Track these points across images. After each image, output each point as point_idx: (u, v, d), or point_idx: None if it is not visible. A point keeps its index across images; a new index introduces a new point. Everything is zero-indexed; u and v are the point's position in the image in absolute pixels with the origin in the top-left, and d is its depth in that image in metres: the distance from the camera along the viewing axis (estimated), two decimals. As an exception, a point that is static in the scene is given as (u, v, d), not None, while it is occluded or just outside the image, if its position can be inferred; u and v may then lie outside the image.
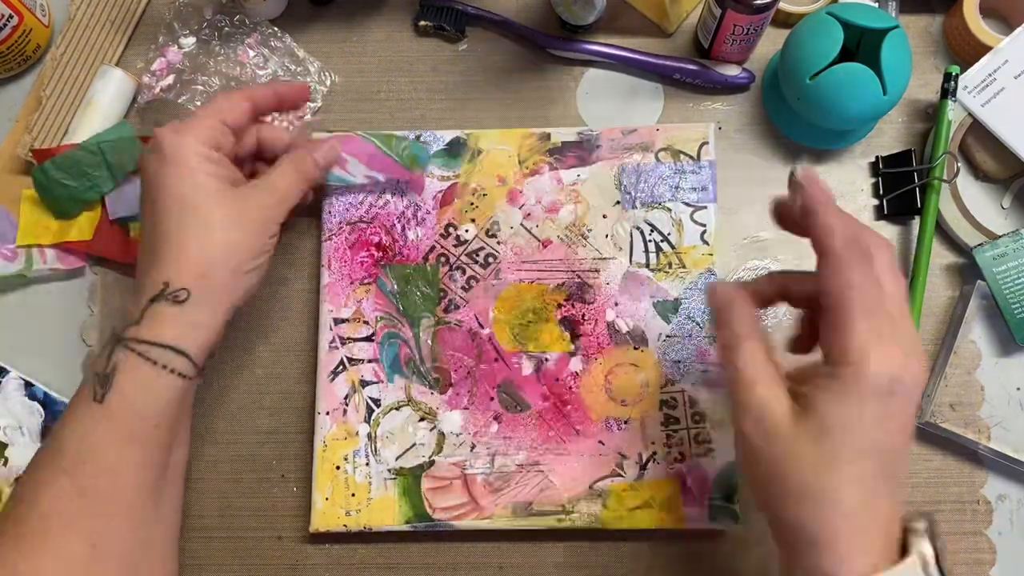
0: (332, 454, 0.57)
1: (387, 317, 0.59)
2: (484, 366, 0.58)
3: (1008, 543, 0.57)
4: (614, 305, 0.59)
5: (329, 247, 0.60)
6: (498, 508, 0.56)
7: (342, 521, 0.56)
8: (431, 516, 0.56)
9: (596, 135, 0.61)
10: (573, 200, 0.60)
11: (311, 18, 0.67)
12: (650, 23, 0.65)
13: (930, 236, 0.59)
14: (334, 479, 0.56)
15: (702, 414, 0.57)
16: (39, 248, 0.61)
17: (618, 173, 0.61)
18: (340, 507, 0.56)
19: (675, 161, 0.61)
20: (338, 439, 0.57)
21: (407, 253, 0.60)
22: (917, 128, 0.63)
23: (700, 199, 0.60)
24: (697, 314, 0.58)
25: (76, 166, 0.60)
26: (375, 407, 0.58)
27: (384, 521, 0.56)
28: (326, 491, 0.56)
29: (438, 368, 0.58)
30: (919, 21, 0.65)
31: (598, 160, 0.61)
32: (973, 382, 0.59)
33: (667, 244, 0.60)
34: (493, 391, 0.58)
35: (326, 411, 0.58)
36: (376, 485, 0.56)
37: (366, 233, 0.60)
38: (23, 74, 0.66)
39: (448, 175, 0.61)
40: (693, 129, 0.61)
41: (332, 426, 0.57)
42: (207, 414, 0.60)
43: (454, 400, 0.58)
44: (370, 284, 0.59)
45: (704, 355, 0.58)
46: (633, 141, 0.61)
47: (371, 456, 0.57)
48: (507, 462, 0.56)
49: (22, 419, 0.58)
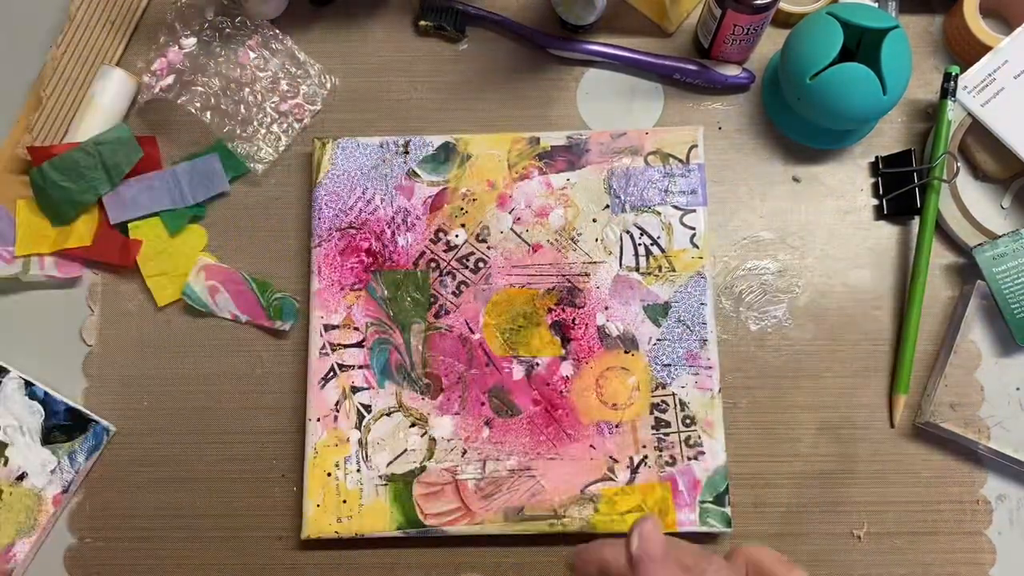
0: (323, 461, 0.57)
1: (377, 323, 0.59)
2: (475, 371, 0.58)
3: (1008, 543, 0.57)
4: (604, 309, 0.59)
5: (319, 253, 0.60)
6: (490, 513, 0.56)
7: (334, 528, 0.56)
8: (423, 522, 0.55)
9: (585, 139, 0.61)
10: (563, 204, 0.60)
11: (311, 18, 0.67)
12: (650, 23, 0.65)
13: (930, 236, 0.59)
14: (325, 486, 0.56)
15: (693, 417, 0.57)
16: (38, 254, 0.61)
17: (607, 177, 0.61)
18: (332, 514, 0.56)
19: (664, 165, 0.61)
20: (329, 446, 0.57)
21: (397, 259, 0.60)
22: (917, 128, 0.63)
23: (689, 202, 0.60)
24: (687, 317, 0.58)
25: (74, 167, 0.60)
26: (366, 413, 0.57)
27: (376, 527, 0.56)
28: (317, 498, 0.56)
29: (429, 374, 0.58)
30: (919, 21, 0.65)
31: (587, 164, 0.61)
32: (973, 382, 0.58)
33: (657, 248, 0.59)
34: (484, 396, 0.58)
35: (317, 417, 0.57)
36: (367, 491, 0.56)
37: (356, 239, 0.60)
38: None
39: (438, 180, 0.61)
40: (682, 132, 0.61)
41: (323, 433, 0.57)
42: (207, 414, 0.60)
43: (445, 405, 0.58)
44: (360, 290, 0.59)
45: (694, 358, 0.58)
46: (622, 145, 0.61)
47: (362, 462, 0.57)
48: (498, 467, 0.56)
49: (22, 419, 0.58)
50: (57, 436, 0.58)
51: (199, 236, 0.62)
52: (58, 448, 0.58)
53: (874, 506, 0.57)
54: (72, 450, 0.58)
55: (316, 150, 0.61)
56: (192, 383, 0.60)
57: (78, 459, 0.58)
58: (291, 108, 0.64)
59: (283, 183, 0.63)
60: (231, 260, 0.62)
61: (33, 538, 0.57)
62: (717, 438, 0.56)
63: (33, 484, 0.57)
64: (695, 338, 0.58)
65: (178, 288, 0.61)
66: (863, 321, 0.60)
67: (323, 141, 0.61)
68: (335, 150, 0.61)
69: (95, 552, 0.58)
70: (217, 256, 0.62)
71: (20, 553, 0.57)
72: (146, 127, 0.64)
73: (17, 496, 0.57)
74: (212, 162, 0.62)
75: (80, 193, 0.60)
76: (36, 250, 0.61)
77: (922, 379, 0.59)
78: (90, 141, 0.60)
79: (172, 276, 0.61)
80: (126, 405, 0.60)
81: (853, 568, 0.57)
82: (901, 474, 0.58)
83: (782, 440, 0.58)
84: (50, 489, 0.57)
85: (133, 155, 0.61)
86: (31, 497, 0.57)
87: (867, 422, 0.59)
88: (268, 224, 0.63)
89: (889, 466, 0.58)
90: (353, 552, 0.57)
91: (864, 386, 0.59)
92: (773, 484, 0.58)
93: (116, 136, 0.60)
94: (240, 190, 0.63)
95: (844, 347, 0.60)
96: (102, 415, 0.59)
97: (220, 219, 0.63)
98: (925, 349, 0.59)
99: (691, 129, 0.61)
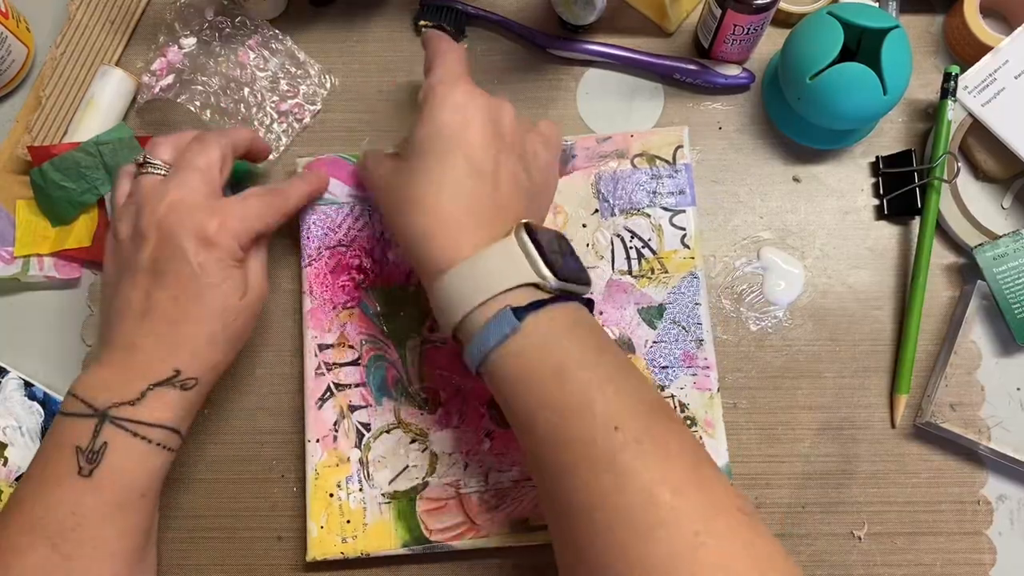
0: (325, 482, 0.56)
1: (372, 340, 0.58)
2: (473, 383, 0.57)
3: (1008, 543, 0.57)
4: (599, 314, 0.58)
5: (310, 273, 0.59)
6: (495, 526, 0.55)
7: (339, 548, 0.55)
8: (428, 538, 0.55)
9: (571, 145, 0.61)
10: (552, 211, 0.60)
11: (311, 18, 0.67)
12: (650, 23, 0.65)
13: (930, 236, 0.59)
14: (328, 507, 0.56)
15: (693, 418, 0.57)
16: (37, 254, 0.61)
17: (595, 181, 0.60)
18: (336, 535, 0.55)
19: (651, 166, 0.60)
20: (330, 466, 0.56)
21: (389, 274, 0.59)
22: (917, 128, 0.63)
23: (678, 203, 0.60)
24: (682, 318, 0.58)
25: (74, 167, 0.60)
26: (365, 432, 0.57)
27: (381, 546, 0.55)
28: (320, 519, 0.56)
29: (427, 388, 0.58)
30: (919, 21, 0.65)
31: (574, 170, 0.61)
32: (973, 382, 0.58)
33: (648, 250, 0.59)
34: (483, 408, 0.57)
35: (316, 439, 0.57)
36: (371, 510, 0.56)
37: (346, 257, 0.60)
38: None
39: None
40: (667, 133, 0.61)
41: (323, 454, 0.57)
42: (207, 414, 0.60)
43: (444, 419, 0.57)
44: (353, 308, 0.59)
45: (691, 359, 0.57)
46: (608, 148, 0.61)
47: (364, 481, 0.56)
48: (501, 478, 0.56)
49: (22, 419, 0.58)
50: (57, 436, 0.58)
51: None
52: (58, 448, 0.58)
53: (874, 506, 0.57)
54: (72, 450, 0.58)
55: (299, 169, 0.61)
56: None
57: (78, 459, 0.58)
58: (291, 108, 0.64)
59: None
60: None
61: (33, 538, 0.57)
62: (718, 438, 0.56)
63: (33, 484, 0.57)
64: (691, 338, 0.58)
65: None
66: (863, 321, 0.60)
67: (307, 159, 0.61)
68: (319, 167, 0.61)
69: (95, 552, 0.58)
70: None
71: (20, 553, 0.57)
72: (146, 127, 0.64)
73: (17, 496, 0.57)
74: None
75: (81, 193, 0.60)
76: (35, 250, 0.61)
77: (922, 379, 0.59)
78: (91, 141, 0.60)
79: None
80: (126, 405, 0.60)
81: (853, 568, 0.57)
82: (901, 474, 0.58)
83: (782, 440, 0.58)
84: (50, 489, 0.57)
85: (135, 155, 0.61)
86: (31, 497, 0.57)
87: (867, 422, 0.59)
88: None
89: (889, 466, 0.58)
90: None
91: (864, 386, 0.59)
92: (773, 484, 0.58)
93: (117, 136, 0.60)
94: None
95: (844, 347, 0.60)
96: (102, 415, 0.59)
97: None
98: (925, 349, 0.59)
99: (676, 130, 0.61)
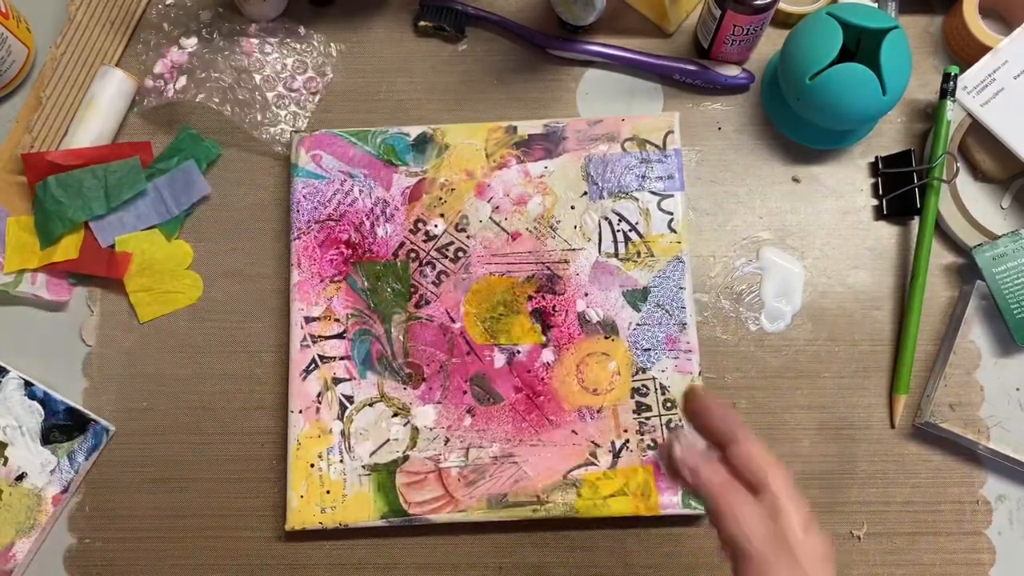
0: (306, 452, 0.57)
1: (358, 314, 0.59)
2: (456, 360, 0.58)
3: (1008, 543, 0.57)
4: (584, 296, 0.59)
5: (298, 246, 0.60)
6: (473, 501, 0.56)
7: (317, 519, 0.56)
8: (406, 511, 0.56)
9: (562, 127, 0.61)
10: (541, 192, 0.60)
11: (311, 18, 0.67)
12: (650, 23, 0.65)
13: (930, 236, 0.59)
14: (308, 477, 0.56)
15: (673, 400, 0.57)
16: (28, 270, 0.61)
17: (585, 164, 0.61)
18: (315, 504, 0.56)
19: (641, 151, 0.61)
20: (312, 437, 0.57)
21: (377, 250, 0.60)
22: (917, 128, 0.63)
23: (667, 187, 0.60)
24: (666, 302, 0.58)
25: (76, 185, 0.60)
26: (348, 404, 0.58)
27: (359, 517, 0.56)
28: (301, 489, 0.56)
29: (410, 363, 0.58)
30: (919, 21, 0.65)
31: (565, 152, 0.61)
32: (973, 382, 0.58)
33: (635, 233, 0.60)
34: (466, 384, 0.58)
35: (299, 409, 0.58)
36: (351, 482, 0.56)
37: (335, 231, 0.60)
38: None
39: (416, 171, 0.61)
40: (658, 119, 0.61)
41: (305, 424, 0.57)
42: (207, 414, 0.60)
43: (427, 395, 0.58)
44: (340, 282, 0.59)
45: (674, 342, 0.58)
46: (599, 132, 0.61)
47: (345, 453, 0.57)
48: (481, 455, 0.57)
49: (22, 419, 0.58)
50: (57, 436, 0.58)
51: (185, 253, 0.62)
52: (58, 448, 0.58)
53: (874, 506, 0.57)
54: (72, 450, 0.58)
55: (293, 143, 0.62)
56: (192, 383, 0.60)
57: (78, 459, 0.58)
58: (304, 83, 0.64)
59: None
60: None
61: (33, 538, 0.57)
62: None
63: (33, 484, 0.57)
64: (674, 322, 0.58)
65: (161, 305, 0.61)
66: (863, 321, 0.60)
67: (300, 134, 0.62)
68: (313, 142, 0.61)
69: (95, 552, 0.58)
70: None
71: (20, 553, 0.57)
72: (148, 128, 0.64)
73: (17, 496, 0.57)
74: (190, 171, 0.62)
75: (73, 210, 0.60)
76: (24, 265, 0.61)
77: (922, 379, 0.59)
78: (101, 167, 0.60)
79: (156, 293, 0.61)
80: (125, 405, 0.60)
81: (853, 568, 0.57)
82: (901, 474, 0.58)
83: (782, 440, 0.58)
84: (50, 489, 0.57)
85: (137, 185, 0.61)
86: (31, 497, 0.57)
87: (867, 422, 0.59)
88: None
89: (889, 466, 0.58)
90: (353, 551, 0.57)
91: (864, 386, 0.59)
92: (773, 484, 0.58)
93: (127, 164, 0.60)
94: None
95: (844, 347, 0.60)
96: (101, 415, 0.59)
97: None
98: (925, 349, 0.59)
99: (667, 115, 0.62)
